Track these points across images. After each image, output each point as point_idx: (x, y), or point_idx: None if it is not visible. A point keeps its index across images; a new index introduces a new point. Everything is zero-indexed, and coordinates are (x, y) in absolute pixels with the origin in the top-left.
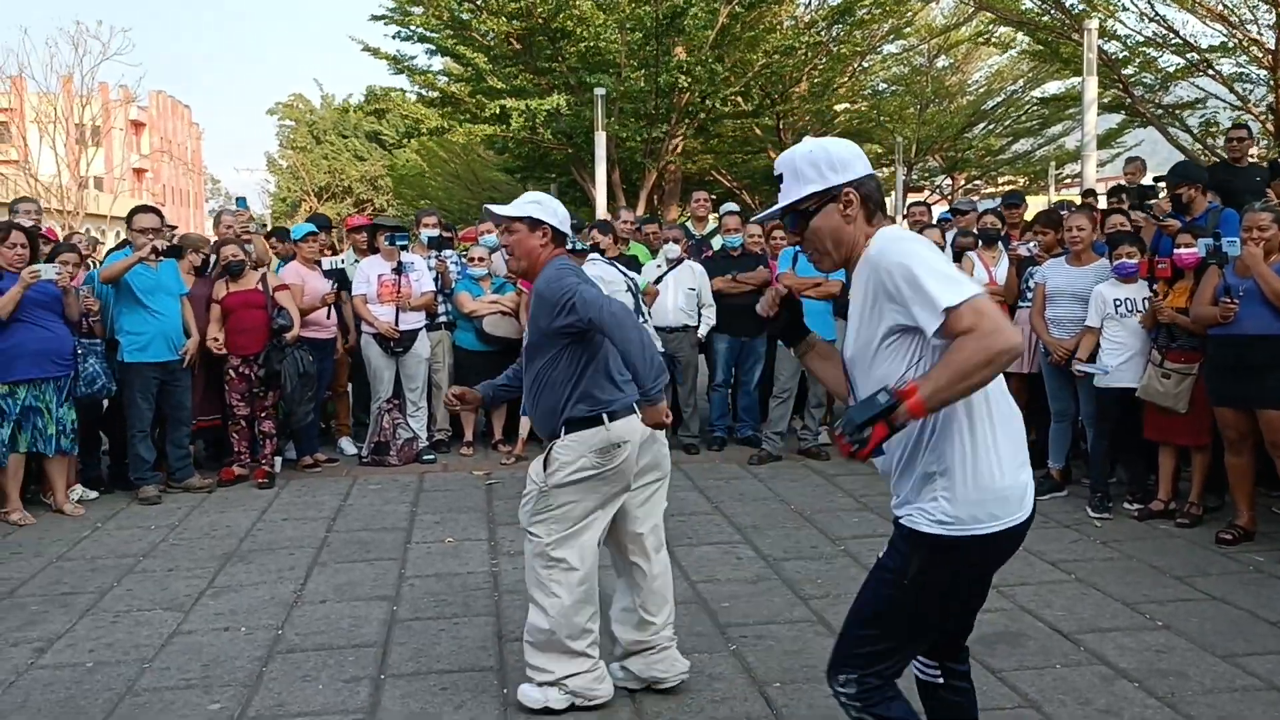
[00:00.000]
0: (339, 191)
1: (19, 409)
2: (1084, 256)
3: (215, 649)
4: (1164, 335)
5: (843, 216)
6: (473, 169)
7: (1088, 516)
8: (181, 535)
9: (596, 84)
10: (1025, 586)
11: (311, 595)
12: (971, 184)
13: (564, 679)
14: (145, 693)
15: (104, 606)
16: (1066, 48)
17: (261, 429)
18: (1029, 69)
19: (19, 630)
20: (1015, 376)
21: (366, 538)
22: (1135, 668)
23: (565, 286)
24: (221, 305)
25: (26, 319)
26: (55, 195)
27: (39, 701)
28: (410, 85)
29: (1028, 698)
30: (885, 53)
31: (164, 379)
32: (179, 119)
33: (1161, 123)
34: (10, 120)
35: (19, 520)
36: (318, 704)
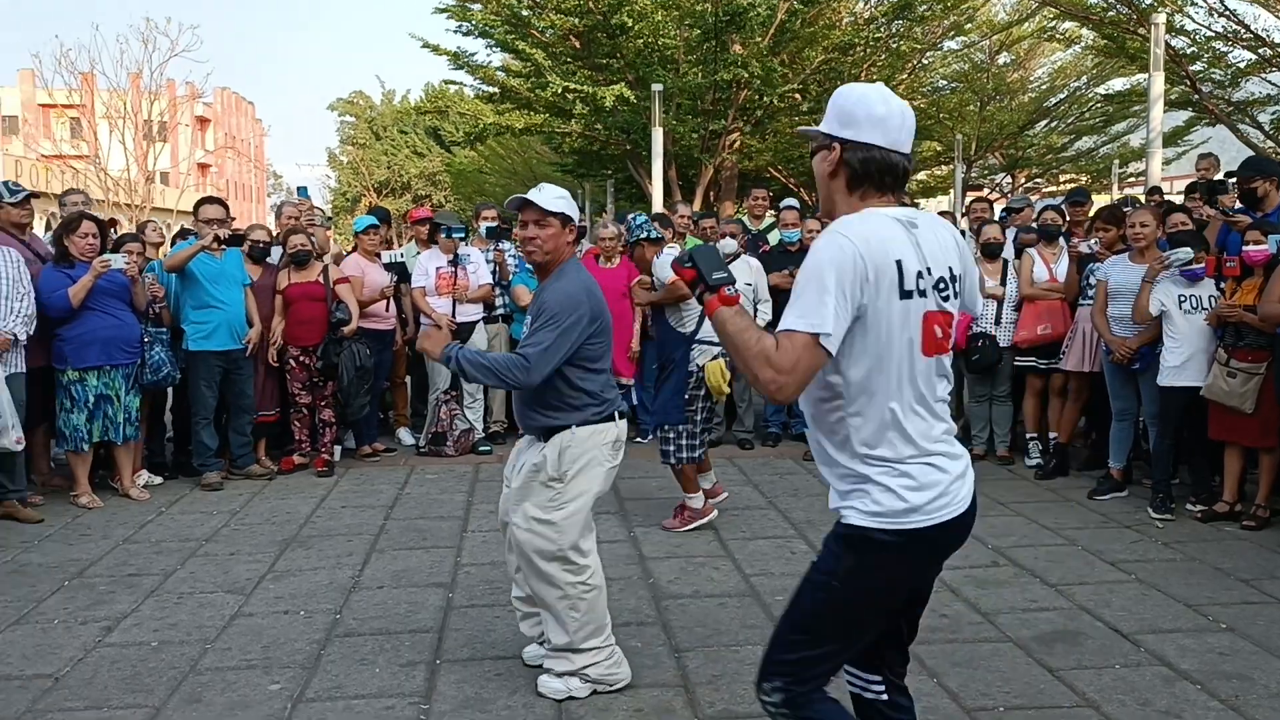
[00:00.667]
0: (398, 187)
1: (92, 397)
2: (1147, 253)
3: (275, 631)
4: (1231, 333)
5: (827, 168)
6: (530, 165)
7: (1149, 517)
8: (243, 521)
9: (654, 79)
10: (1084, 586)
11: (369, 581)
12: (1032, 182)
13: (584, 669)
14: (207, 672)
15: (168, 588)
16: (1133, 43)
17: (321, 418)
18: (1093, 65)
19: (88, 609)
20: (1076, 375)
21: (423, 526)
22: (1197, 669)
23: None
24: (283, 296)
25: (96, 308)
26: (124, 189)
27: (105, 678)
28: (470, 80)
29: (1086, 697)
30: (945, 49)
31: (227, 367)
32: (243, 115)
33: (1231, 120)
34: (82, 115)
35: (88, 504)
36: (374, 687)
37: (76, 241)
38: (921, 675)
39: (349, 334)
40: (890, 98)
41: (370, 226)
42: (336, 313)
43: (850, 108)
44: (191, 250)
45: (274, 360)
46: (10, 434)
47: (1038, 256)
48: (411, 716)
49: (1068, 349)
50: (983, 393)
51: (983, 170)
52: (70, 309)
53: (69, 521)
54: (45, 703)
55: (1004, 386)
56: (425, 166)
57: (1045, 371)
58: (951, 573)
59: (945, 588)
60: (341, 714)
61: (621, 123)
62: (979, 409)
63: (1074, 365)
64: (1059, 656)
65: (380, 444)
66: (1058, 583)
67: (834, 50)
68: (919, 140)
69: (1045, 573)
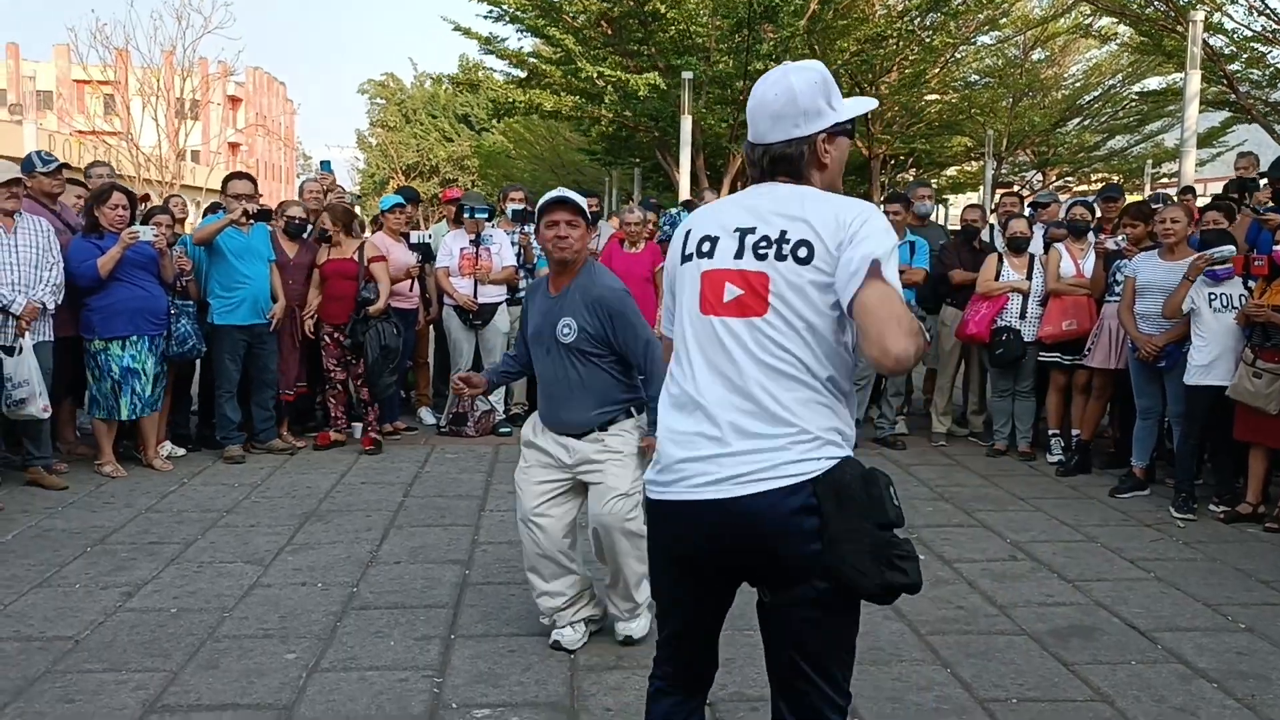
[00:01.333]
0: (426, 170)
1: (120, 370)
2: (1177, 250)
3: (292, 602)
4: (1258, 333)
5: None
6: (557, 151)
7: (1170, 516)
8: (264, 494)
9: (684, 67)
10: (1102, 582)
11: (386, 556)
12: (1063, 181)
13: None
14: (225, 639)
15: (188, 557)
16: (1170, 41)
17: (361, 396)
18: (1129, 63)
19: (109, 575)
20: (1101, 372)
21: (442, 504)
22: (1214, 668)
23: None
24: (320, 271)
25: (124, 278)
26: (155, 165)
27: (125, 642)
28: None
29: (1100, 691)
30: (979, 44)
31: (251, 342)
32: (274, 95)
33: (1268, 120)
34: (116, 91)
35: (111, 473)
36: (389, 659)
37: (106, 213)
38: (935, 665)
39: (375, 314)
40: (758, 88)
41: (396, 205)
42: (364, 292)
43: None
44: (220, 224)
45: (310, 333)
46: (37, 402)
47: (1065, 252)
48: (425, 689)
49: (1093, 345)
50: (1006, 387)
51: (1013, 167)
52: (98, 279)
53: (93, 489)
54: (65, 664)
55: (1027, 382)
56: (454, 150)
57: (1069, 367)
58: (968, 565)
59: (961, 580)
60: (355, 684)
61: (651, 110)
62: (1002, 404)
63: (1099, 362)
64: (1074, 651)
65: (402, 423)
66: (1075, 578)
67: (866, 42)
68: (949, 135)
69: (1063, 568)
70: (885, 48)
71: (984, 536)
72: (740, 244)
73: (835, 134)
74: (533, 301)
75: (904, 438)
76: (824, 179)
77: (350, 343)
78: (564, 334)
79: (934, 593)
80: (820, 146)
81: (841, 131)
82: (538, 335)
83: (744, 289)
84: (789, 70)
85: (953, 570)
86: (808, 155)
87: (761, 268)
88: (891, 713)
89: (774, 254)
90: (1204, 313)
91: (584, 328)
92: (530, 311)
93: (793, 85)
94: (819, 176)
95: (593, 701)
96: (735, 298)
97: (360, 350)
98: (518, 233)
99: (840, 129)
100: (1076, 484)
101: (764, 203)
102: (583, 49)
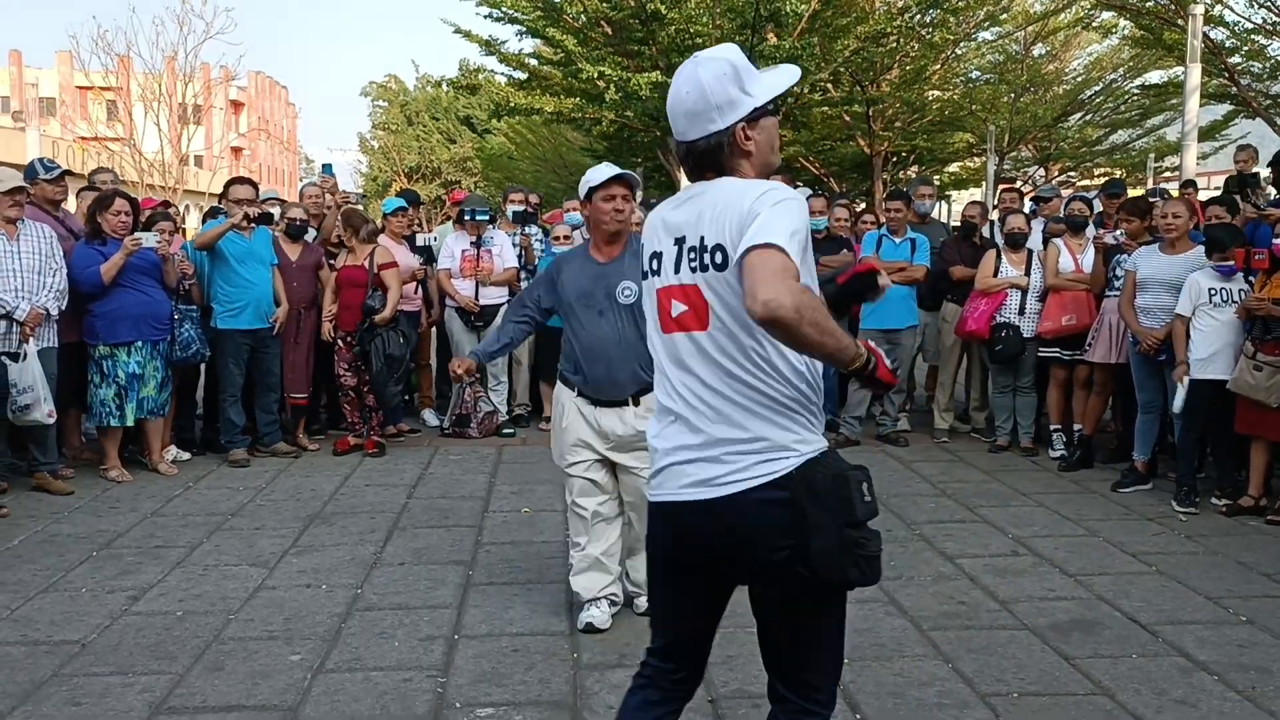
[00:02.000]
0: (428, 173)
1: (123, 374)
2: (1179, 244)
3: (297, 604)
4: (1259, 327)
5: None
6: (559, 152)
7: (1172, 510)
8: (268, 497)
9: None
10: (1104, 576)
11: (390, 558)
12: (1065, 176)
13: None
14: (230, 641)
15: (194, 560)
16: (1171, 34)
17: (367, 402)
18: (1130, 57)
19: (115, 579)
20: (1102, 367)
21: (445, 505)
22: (1215, 660)
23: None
24: (335, 278)
25: (127, 284)
26: (159, 171)
27: (131, 645)
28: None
29: (1101, 685)
30: (980, 40)
31: (254, 346)
32: (276, 99)
33: (1269, 113)
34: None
35: (117, 477)
36: (393, 660)
37: (109, 219)
38: (936, 660)
39: (381, 322)
40: (676, 83)
41: (399, 209)
42: (369, 300)
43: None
44: (221, 228)
45: (327, 336)
46: (42, 407)
47: (1063, 247)
48: (429, 689)
49: (1094, 340)
50: (1006, 383)
51: (1015, 163)
52: (101, 285)
53: (98, 494)
54: (71, 667)
55: (1028, 377)
56: (456, 152)
57: (1070, 362)
58: (970, 561)
59: (963, 575)
60: (360, 685)
61: (652, 110)
62: (1003, 400)
63: (1100, 357)
64: (1075, 645)
65: (405, 425)
66: (1077, 573)
67: (866, 39)
68: (951, 131)
69: (1065, 563)
70: (886, 45)
71: (986, 532)
72: (678, 256)
73: (756, 119)
74: (571, 267)
75: (906, 434)
76: (754, 164)
77: (358, 350)
78: (625, 295)
79: (936, 588)
80: (740, 136)
81: (763, 114)
82: (587, 298)
83: (685, 304)
84: (698, 63)
85: (954, 566)
86: (729, 147)
87: (694, 280)
88: (893, 708)
89: (699, 264)
90: (1204, 308)
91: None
92: (570, 277)
93: (701, 80)
94: (747, 164)
95: (596, 700)
96: (680, 314)
97: (365, 358)
98: (519, 234)
99: (761, 112)
100: (1078, 478)
101: (690, 207)
102: (583, 50)
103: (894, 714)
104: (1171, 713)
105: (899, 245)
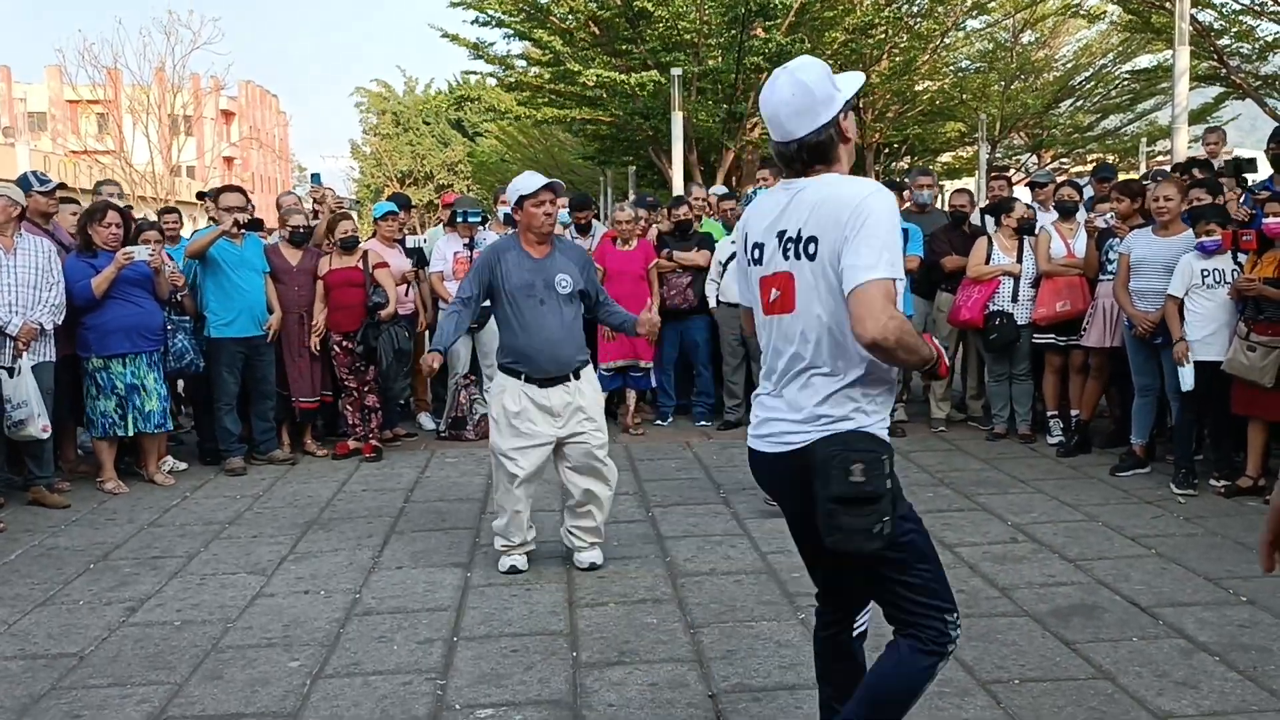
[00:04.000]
0: (420, 177)
1: (119, 385)
2: (1171, 227)
3: (295, 610)
4: (1251, 307)
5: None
6: (551, 153)
7: (1171, 493)
8: (265, 504)
9: (674, 64)
10: (1103, 560)
11: (388, 561)
12: (1058, 162)
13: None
14: (229, 650)
15: (191, 570)
16: (1158, 18)
17: (366, 403)
18: (1119, 42)
19: (112, 590)
20: (1097, 351)
21: (442, 508)
22: (1216, 641)
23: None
24: (324, 282)
25: (119, 296)
26: (150, 183)
27: (130, 656)
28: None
29: (1102, 669)
30: (969, 28)
31: (248, 353)
32: (267, 108)
33: (1259, 94)
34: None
35: (113, 489)
36: (392, 663)
37: (100, 231)
38: None
39: (386, 318)
40: (774, 90)
41: (389, 213)
42: (374, 297)
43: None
44: (211, 237)
45: (315, 348)
46: (37, 422)
47: (1055, 232)
48: (429, 692)
49: (1088, 325)
50: (1002, 371)
51: (1007, 151)
52: (93, 299)
53: (95, 506)
54: (70, 680)
55: (1023, 365)
56: (448, 156)
57: (1065, 349)
58: (969, 549)
59: (962, 563)
60: (360, 690)
61: (642, 108)
62: (999, 388)
63: (1095, 341)
64: (1076, 629)
65: (401, 429)
66: (1076, 558)
67: (854, 31)
68: (942, 121)
69: (1064, 548)
70: (874, 36)
71: (985, 520)
72: (780, 247)
73: (847, 111)
74: (509, 257)
75: (904, 425)
76: (847, 151)
77: (363, 349)
78: (562, 286)
79: None
80: (841, 125)
81: (851, 108)
82: (527, 289)
83: (779, 290)
84: (794, 69)
85: (954, 555)
86: (835, 137)
87: (787, 267)
88: None
89: (794, 254)
90: (1196, 290)
91: (576, 280)
92: (506, 270)
93: (805, 81)
94: (844, 150)
95: (595, 698)
96: (775, 299)
97: (373, 356)
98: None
99: (850, 105)
100: (1077, 464)
101: (793, 203)
102: (570, 50)
103: None
104: (1173, 694)
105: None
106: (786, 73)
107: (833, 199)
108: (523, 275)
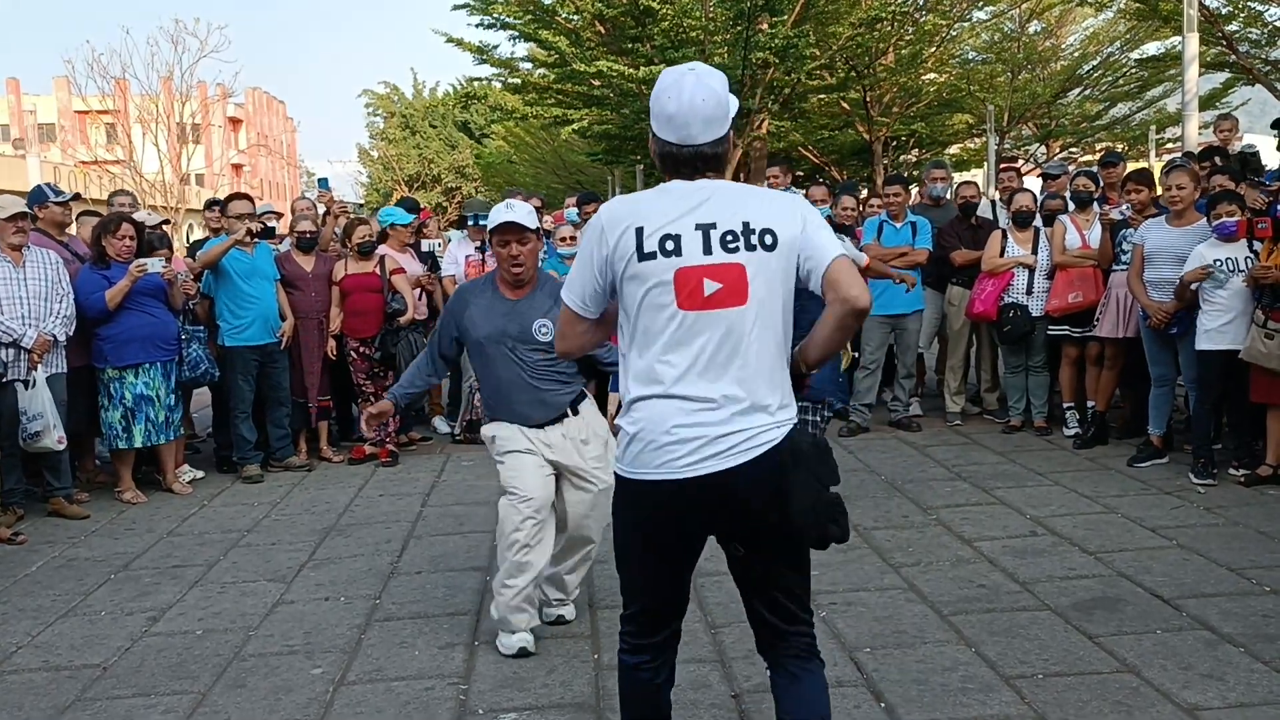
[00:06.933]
0: (428, 180)
1: (133, 397)
2: (1185, 216)
3: (316, 617)
4: (1268, 295)
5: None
6: (559, 153)
7: (1190, 483)
8: (283, 511)
9: (681, 61)
10: (1124, 552)
11: (407, 566)
12: (1067, 152)
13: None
14: (251, 658)
15: (211, 578)
16: (1166, 5)
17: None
18: (1126, 29)
19: (134, 600)
20: (1112, 342)
21: (460, 512)
22: (1240, 632)
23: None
24: (340, 287)
25: (133, 306)
26: (159, 191)
27: (152, 665)
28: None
29: (1126, 662)
30: (974, 20)
31: (263, 361)
32: (274, 114)
33: (1269, 79)
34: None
35: (131, 499)
36: (414, 669)
37: (114, 243)
38: (959, 645)
39: (405, 323)
40: (683, 91)
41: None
42: (392, 303)
43: (652, 101)
44: (223, 247)
45: (332, 354)
46: (53, 433)
47: (1070, 223)
48: (451, 697)
49: (1101, 315)
50: (1017, 363)
51: (1016, 142)
52: (106, 311)
53: (114, 517)
54: (94, 691)
55: (1039, 356)
56: (455, 159)
57: (1080, 340)
58: (988, 543)
59: (982, 558)
60: (382, 696)
61: (647, 107)
62: (1014, 380)
63: (1108, 331)
64: (1098, 623)
65: (416, 433)
66: (1097, 550)
67: (860, 25)
68: (950, 113)
69: (1084, 541)
70: (880, 30)
71: (1003, 513)
72: (719, 240)
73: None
74: (476, 305)
75: (919, 419)
76: (729, 165)
77: (381, 354)
78: (542, 333)
79: (955, 572)
80: (731, 139)
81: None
82: (500, 337)
83: (723, 282)
84: (702, 74)
85: (973, 549)
86: (728, 150)
87: (737, 259)
88: (917, 695)
89: (743, 245)
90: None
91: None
92: (478, 313)
93: (715, 89)
94: (727, 165)
95: (618, 700)
96: (714, 292)
97: (392, 361)
98: None
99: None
100: (1094, 455)
101: (715, 198)
102: (576, 50)
103: (918, 700)
104: (1198, 687)
105: (900, 230)
106: (693, 76)
107: (768, 195)
108: (493, 323)
